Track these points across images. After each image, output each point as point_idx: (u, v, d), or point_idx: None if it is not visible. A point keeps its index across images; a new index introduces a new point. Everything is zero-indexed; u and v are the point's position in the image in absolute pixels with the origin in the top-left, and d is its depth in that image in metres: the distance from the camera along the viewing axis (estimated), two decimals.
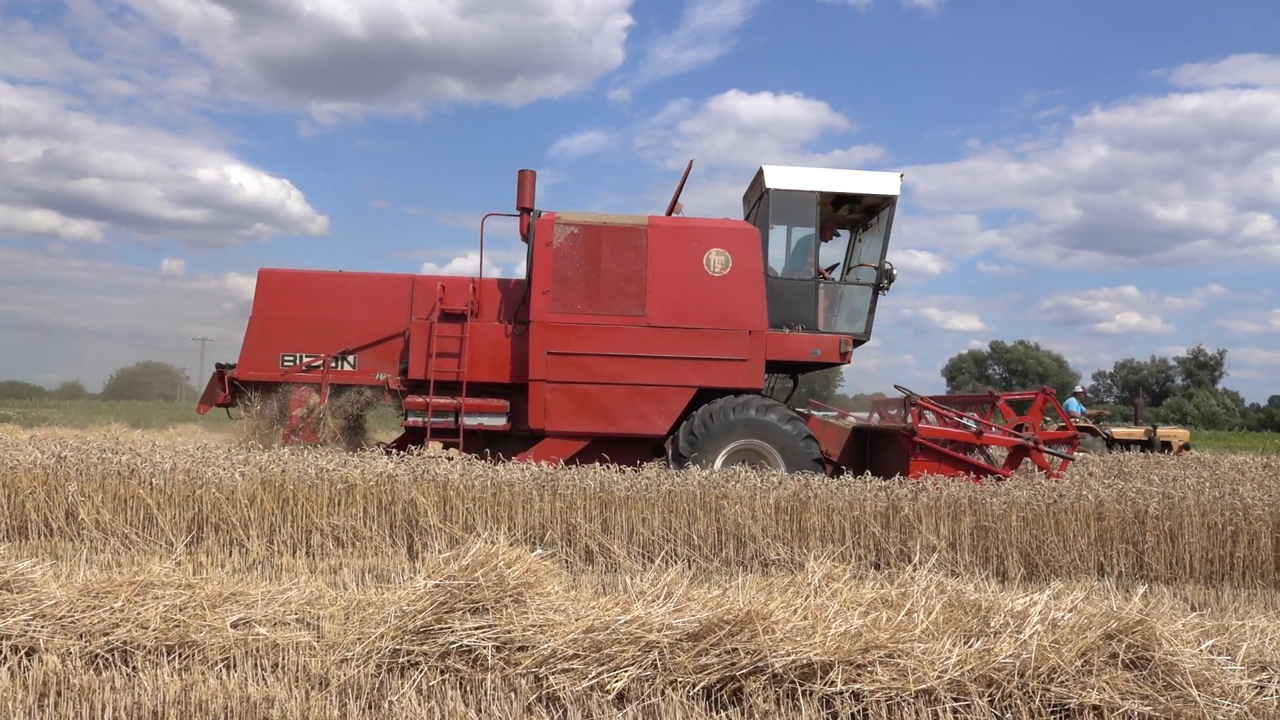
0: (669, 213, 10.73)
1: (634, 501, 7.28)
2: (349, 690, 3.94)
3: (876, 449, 10.36)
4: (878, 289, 10.35)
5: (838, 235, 11.27)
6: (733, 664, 3.86)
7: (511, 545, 4.68)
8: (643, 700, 3.82)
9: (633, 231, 9.86)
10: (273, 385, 10.01)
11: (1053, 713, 3.72)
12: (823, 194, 10.20)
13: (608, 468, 7.86)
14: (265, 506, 7.10)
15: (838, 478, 7.85)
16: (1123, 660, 3.83)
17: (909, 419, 9.56)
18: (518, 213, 10.44)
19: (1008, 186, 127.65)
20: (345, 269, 10.77)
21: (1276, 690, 3.85)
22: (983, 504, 7.29)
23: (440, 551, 5.86)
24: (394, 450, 10.28)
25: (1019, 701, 3.74)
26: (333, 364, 9.98)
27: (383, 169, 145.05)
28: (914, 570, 4.88)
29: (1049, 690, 3.74)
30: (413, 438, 10.72)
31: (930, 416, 9.96)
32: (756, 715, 3.76)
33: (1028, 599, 4.37)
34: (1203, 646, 4.00)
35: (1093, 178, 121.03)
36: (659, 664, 3.92)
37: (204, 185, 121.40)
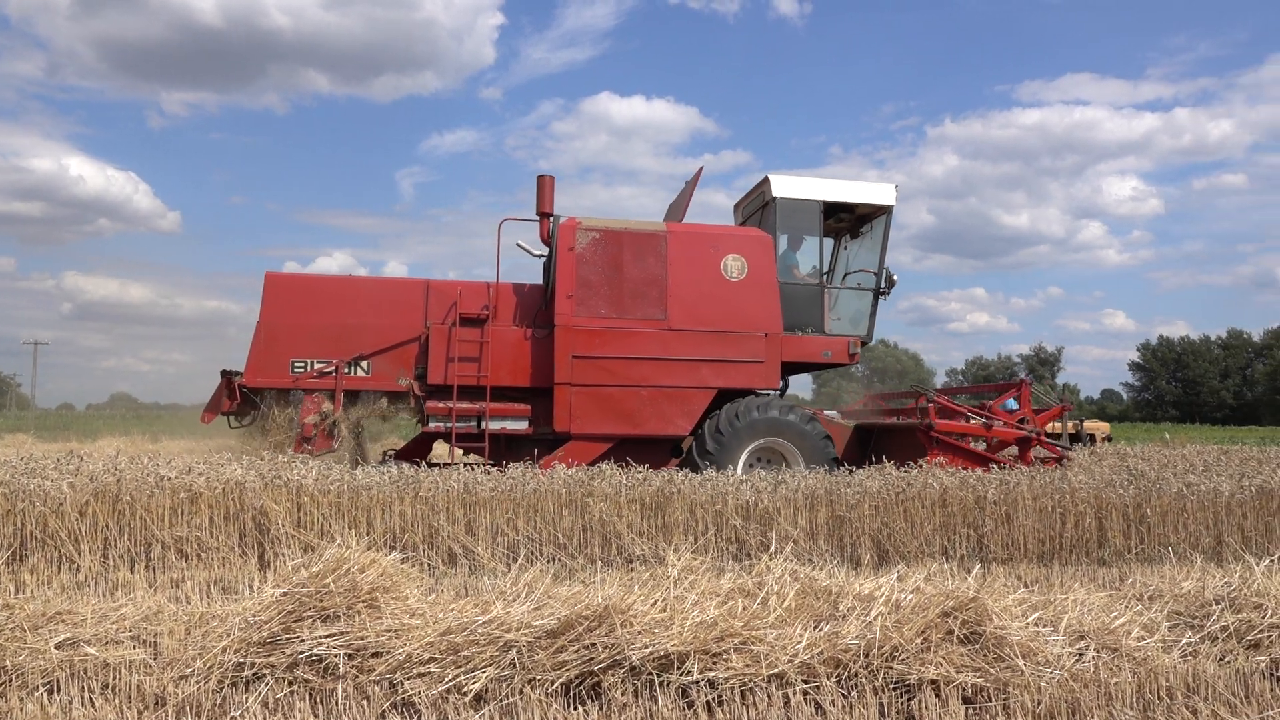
0: (679, 218, 10.89)
1: (498, 502, 7.20)
2: (187, 708, 3.73)
3: (883, 444, 10.59)
4: (878, 293, 10.85)
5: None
6: (591, 659, 3.87)
7: (369, 550, 4.56)
8: (501, 700, 3.79)
9: (653, 237, 10.00)
10: (282, 392, 9.65)
11: (895, 689, 3.90)
12: (825, 203, 10.57)
13: (472, 469, 7.75)
14: (98, 519, 6.63)
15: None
16: (958, 636, 4.06)
17: (925, 415, 9.93)
18: (537, 218, 10.40)
19: None
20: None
21: (1093, 657, 4.17)
22: (838, 494, 7.59)
23: (293, 560, 5.62)
24: (393, 458, 10.14)
25: (864, 680, 3.91)
26: (345, 369, 9.68)
27: (240, 163, 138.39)
28: (770, 560, 5.02)
29: (891, 668, 3.93)
30: (421, 445, 10.58)
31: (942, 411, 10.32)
32: (614, 709, 3.78)
33: (875, 583, 4.58)
34: (1029, 620, 4.29)
35: (945, 185, 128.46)
36: (518, 663, 3.90)
37: (39, 176, 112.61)
